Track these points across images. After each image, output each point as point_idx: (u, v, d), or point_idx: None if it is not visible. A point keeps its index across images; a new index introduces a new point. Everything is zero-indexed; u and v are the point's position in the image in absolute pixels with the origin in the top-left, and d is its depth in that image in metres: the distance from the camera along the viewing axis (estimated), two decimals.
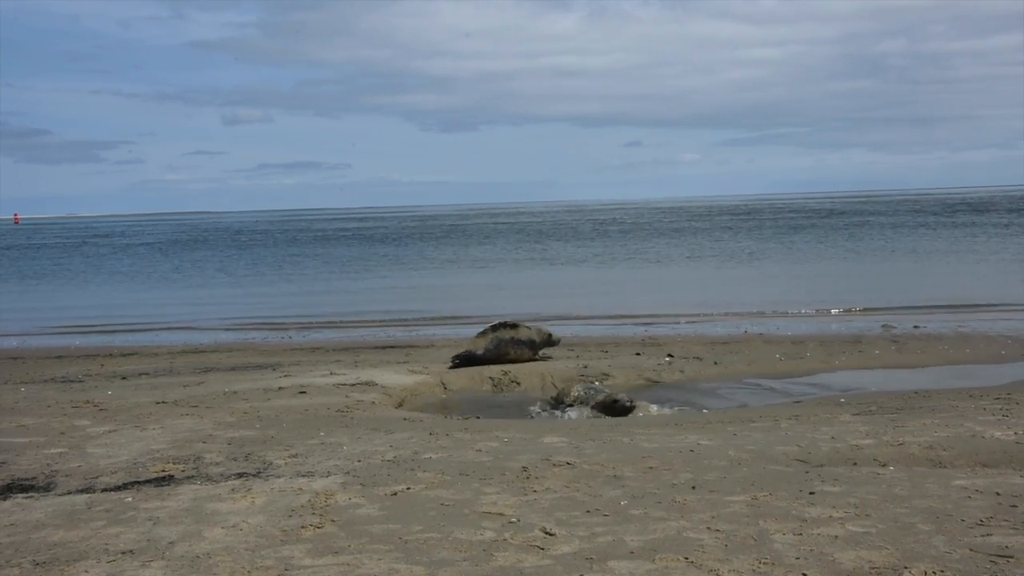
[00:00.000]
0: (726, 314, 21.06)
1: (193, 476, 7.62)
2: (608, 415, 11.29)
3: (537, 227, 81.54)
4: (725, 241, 51.16)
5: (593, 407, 11.42)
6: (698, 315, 21.26)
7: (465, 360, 14.23)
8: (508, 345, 14.33)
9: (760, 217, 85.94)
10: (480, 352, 14.22)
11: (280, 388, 12.15)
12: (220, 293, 31.97)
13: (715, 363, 14.29)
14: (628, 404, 11.37)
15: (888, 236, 49.81)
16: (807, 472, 7.28)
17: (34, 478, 7.72)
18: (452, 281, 33.89)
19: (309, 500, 6.76)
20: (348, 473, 7.54)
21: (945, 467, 7.47)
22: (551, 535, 5.88)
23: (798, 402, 11.26)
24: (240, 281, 36.92)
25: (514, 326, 14.66)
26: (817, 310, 21.16)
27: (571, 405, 11.53)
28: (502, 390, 13.04)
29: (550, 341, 14.80)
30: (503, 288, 30.92)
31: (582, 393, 11.68)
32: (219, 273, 41.38)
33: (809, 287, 27.27)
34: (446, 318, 22.53)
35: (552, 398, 11.96)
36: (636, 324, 19.94)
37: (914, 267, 32.38)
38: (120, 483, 7.47)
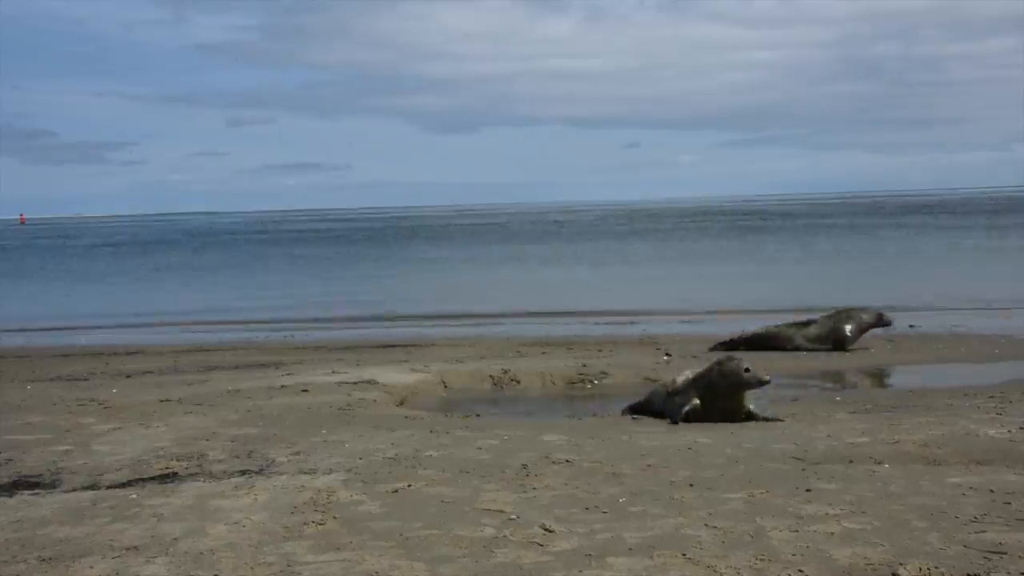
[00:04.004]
0: (718, 311, 21.09)
1: (197, 473, 7.70)
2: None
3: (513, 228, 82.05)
4: (694, 242, 51.69)
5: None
6: (690, 313, 21.33)
7: (748, 342, 15.16)
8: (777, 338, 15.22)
9: (716, 218, 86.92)
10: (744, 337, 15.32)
11: (283, 386, 12.20)
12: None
13: None
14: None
15: (835, 237, 50.60)
16: (804, 470, 7.34)
17: (40, 475, 7.80)
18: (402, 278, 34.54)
19: (311, 497, 6.83)
20: (350, 470, 7.61)
21: (940, 465, 7.52)
22: (551, 532, 5.94)
23: (795, 401, 11.31)
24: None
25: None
26: (795, 309, 21.03)
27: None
28: (502, 388, 13.09)
29: (881, 321, 15.32)
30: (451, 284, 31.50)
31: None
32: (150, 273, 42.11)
33: (793, 286, 27.32)
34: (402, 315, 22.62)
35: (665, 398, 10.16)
36: (633, 322, 20.00)
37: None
38: (125, 480, 7.55)
